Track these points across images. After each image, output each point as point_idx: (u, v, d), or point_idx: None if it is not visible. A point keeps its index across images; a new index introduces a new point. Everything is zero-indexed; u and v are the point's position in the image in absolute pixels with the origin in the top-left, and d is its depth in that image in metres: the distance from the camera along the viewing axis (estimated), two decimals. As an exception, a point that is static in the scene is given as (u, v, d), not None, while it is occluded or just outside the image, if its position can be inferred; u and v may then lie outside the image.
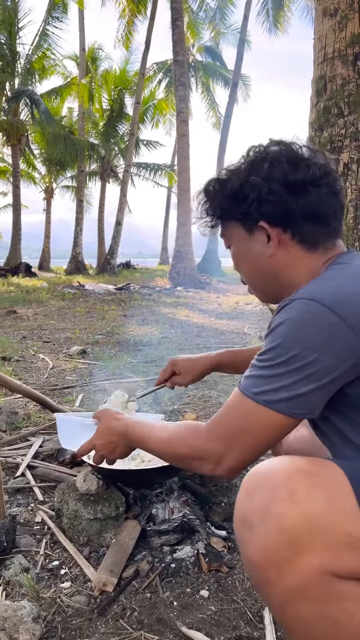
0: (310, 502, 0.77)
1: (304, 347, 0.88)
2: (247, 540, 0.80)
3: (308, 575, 0.74)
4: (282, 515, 0.76)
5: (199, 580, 1.42)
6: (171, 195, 31.06)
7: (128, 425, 1.31)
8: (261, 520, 0.78)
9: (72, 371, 3.93)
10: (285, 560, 0.75)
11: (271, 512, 0.77)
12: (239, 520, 0.83)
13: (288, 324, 0.91)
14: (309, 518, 0.76)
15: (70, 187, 29.46)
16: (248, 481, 0.85)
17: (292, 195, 1.04)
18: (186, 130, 15.19)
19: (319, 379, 0.88)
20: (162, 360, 4.31)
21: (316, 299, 0.90)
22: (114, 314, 7.81)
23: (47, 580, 1.41)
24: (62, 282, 14.94)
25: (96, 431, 1.39)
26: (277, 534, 0.76)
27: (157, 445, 1.19)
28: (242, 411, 0.96)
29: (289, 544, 0.75)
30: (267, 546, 0.76)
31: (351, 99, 2.40)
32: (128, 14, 20.44)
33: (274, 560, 0.76)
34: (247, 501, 0.82)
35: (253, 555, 0.78)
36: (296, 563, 0.75)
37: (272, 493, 0.79)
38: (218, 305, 9.77)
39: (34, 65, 20.22)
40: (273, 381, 0.92)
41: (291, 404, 0.90)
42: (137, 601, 1.33)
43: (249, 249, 1.13)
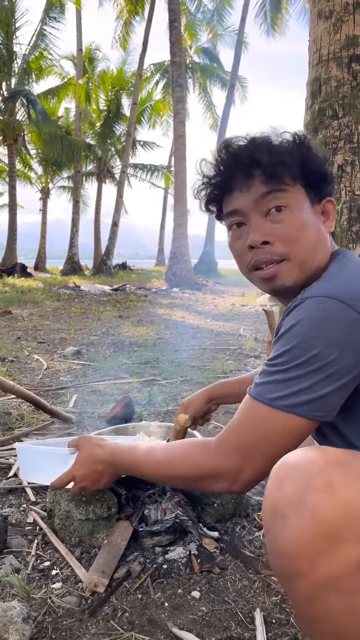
0: (348, 493, 0.74)
1: (324, 345, 0.86)
2: (278, 529, 0.77)
3: (343, 567, 0.72)
4: (318, 505, 0.74)
5: (190, 581, 1.42)
6: (168, 196, 31.09)
7: (115, 452, 1.26)
8: (295, 509, 0.75)
9: (67, 372, 3.92)
10: (319, 552, 0.73)
11: (306, 501, 0.74)
12: (270, 508, 0.80)
13: (305, 323, 0.89)
14: (346, 509, 0.73)
15: (66, 188, 29.46)
16: (279, 470, 0.82)
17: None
18: (183, 132, 15.21)
19: (340, 378, 0.87)
20: (157, 362, 4.31)
21: (334, 296, 0.88)
22: (109, 315, 7.81)
23: (38, 581, 1.40)
24: (58, 283, 14.92)
25: (76, 461, 1.33)
26: (313, 525, 0.73)
27: (156, 468, 1.15)
28: (257, 419, 0.94)
29: (325, 535, 0.73)
30: (301, 536, 0.74)
31: (346, 101, 2.41)
32: (125, 14, 20.47)
33: (307, 551, 0.73)
34: (279, 490, 0.79)
35: (284, 545, 0.75)
36: (331, 555, 0.72)
37: (307, 482, 0.76)
38: (214, 306, 9.78)
39: (31, 65, 20.21)
40: (291, 384, 0.89)
41: (312, 406, 0.89)
42: (128, 602, 1.32)
43: (311, 220, 1.05)
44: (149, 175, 28.11)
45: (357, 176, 2.38)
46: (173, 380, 3.63)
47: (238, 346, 5.21)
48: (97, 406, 2.99)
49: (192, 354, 4.78)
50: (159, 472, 1.16)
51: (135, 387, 3.47)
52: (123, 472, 1.30)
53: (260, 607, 1.30)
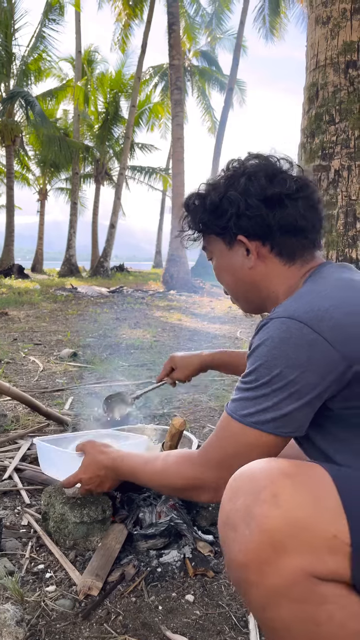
0: (293, 504, 0.77)
1: (285, 365, 0.89)
2: (230, 541, 0.80)
3: (290, 576, 0.75)
4: (264, 516, 0.76)
5: (184, 584, 1.42)
6: (166, 198, 31.13)
7: (116, 459, 1.32)
8: (244, 521, 0.78)
9: (63, 374, 3.92)
10: (267, 562, 0.75)
11: (254, 513, 0.77)
12: (223, 521, 0.83)
13: (268, 343, 0.92)
14: (291, 520, 0.76)
15: (64, 189, 29.48)
16: (232, 483, 0.86)
17: (269, 209, 1.06)
18: (181, 134, 15.22)
19: (302, 396, 0.89)
20: (153, 364, 4.31)
21: (294, 317, 0.90)
22: (106, 317, 7.80)
23: (31, 584, 1.40)
24: (55, 284, 14.91)
25: (82, 464, 1.39)
26: (259, 536, 0.76)
27: (151, 477, 1.20)
28: (232, 435, 0.97)
29: (271, 546, 0.75)
30: (249, 547, 0.77)
31: (342, 107, 2.42)
32: (124, 17, 20.50)
33: (256, 562, 0.76)
34: (231, 502, 0.83)
35: (235, 556, 0.79)
36: (278, 564, 0.75)
37: (255, 495, 0.79)
38: (211, 309, 9.78)
39: (30, 66, 20.22)
40: (258, 402, 0.93)
41: (278, 423, 0.91)
42: (122, 605, 1.32)
43: (229, 261, 1.16)
44: (147, 177, 28.17)
45: (353, 181, 2.39)
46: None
47: (234, 349, 5.21)
48: (93, 408, 2.99)
49: (188, 357, 4.77)
50: (153, 482, 1.21)
51: (132, 390, 3.47)
52: (124, 478, 1.35)
53: (253, 611, 1.30)
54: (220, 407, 3.07)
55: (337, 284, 0.99)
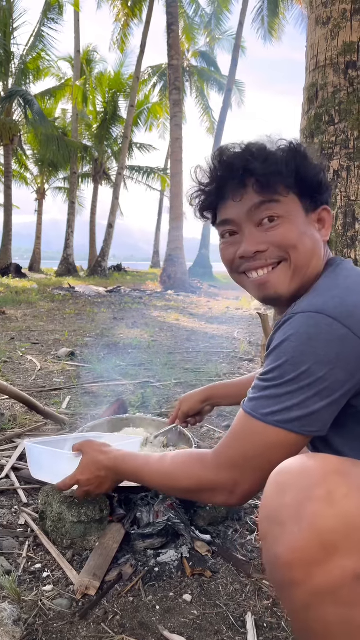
0: (348, 503, 0.74)
1: (314, 361, 0.86)
2: (274, 537, 0.76)
3: (339, 578, 0.72)
4: (317, 515, 0.73)
5: (182, 584, 1.41)
6: (164, 198, 31.11)
7: (118, 459, 1.28)
8: (294, 518, 0.75)
9: (60, 373, 3.91)
10: (316, 562, 0.72)
11: (306, 511, 0.74)
12: (267, 515, 0.79)
13: (294, 339, 0.89)
14: (346, 520, 0.73)
15: (62, 189, 29.45)
16: (278, 477, 0.81)
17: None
18: (180, 134, 15.23)
19: (331, 393, 0.87)
20: (151, 364, 4.31)
21: (323, 312, 0.88)
22: (103, 317, 7.80)
23: (29, 583, 1.40)
24: (53, 284, 14.90)
25: (80, 465, 1.34)
26: (311, 534, 0.73)
27: (156, 478, 1.16)
28: (252, 434, 0.94)
29: (322, 545, 0.72)
30: (298, 545, 0.73)
31: (342, 107, 2.42)
32: (123, 17, 20.51)
33: (303, 561, 0.73)
34: (278, 497, 0.78)
35: (281, 553, 0.75)
36: (328, 565, 0.72)
37: (308, 491, 0.75)
38: (208, 309, 9.78)
39: (29, 65, 20.19)
40: (283, 400, 0.90)
41: (304, 421, 0.89)
42: (120, 605, 1.32)
43: (306, 228, 1.04)
44: (145, 177, 28.14)
45: (352, 182, 2.39)
46: (167, 383, 3.63)
47: (232, 349, 5.22)
48: (91, 408, 2.98)
49: (186, 357, 4.78)
50: (159, 483, 1.17)
51: (129, 389, 3.47)
52: (125, 479, 1.31)
53: (251, 611, 1.30)
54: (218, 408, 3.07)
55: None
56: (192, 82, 27.47)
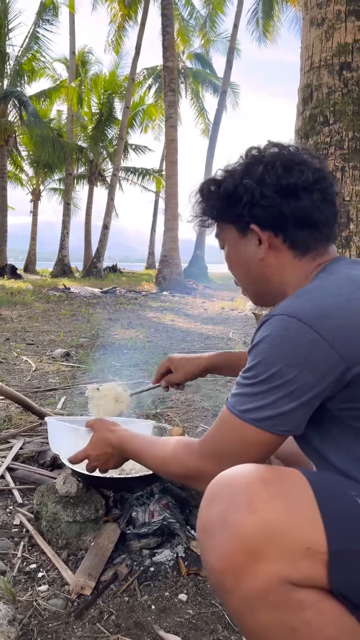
0: (269, 510, 0.77)
1: (284, 364, 0.88)
2: (207, 547, 0.80)
3: (265, 583, 0.74)
4: (239, 523, 0.76)
5: (177, 584, 1.41)
6: (159, 200, 31.10)
7: (123, 438, 1.31)
8: (220, 528, 0.78)
9: (55, 374, 3.90)
10: (242, 568, 0.75)
11: (229, 520, 0.77)
12: (200, 527, 0.83)
13: (268, 340, 0.91)
14: (267, 526, 0.76)
15: (57, 190, 29.41)
16: (210, 489, 0.85)
17: (283, 199, 1.03)
18: (175, 136, 15.24)
19: (301, 395, 0.88)
20: (146, 364, 4.30)
21: (294, 315, 0.89)
22: (99, 317, 7.78)
23: (24, 583, 1.39)
24: (48, 285, 14.86)
25: (90, 441, 1.39)
26: (234, 542, 0.76)
27: (153, 461, 1.20)
28: (230, 429, 0.96)
29: (246, 552, 0.75)
30: (224, 554, 0.76)
31: (336, 108, 2.44)
32: (119, 19, 20.51)
33: (231, 568, 0.76)
34: (208, 509, 0.82)
35: (212, 563, 0.78)
36: (253, 571, 0.75)
37: (231, 501, 0.79)
38: (204, 310, 9.79)
39: (24, 67, 20.18)
40: (257, 399, 0.91)
41: (275, 421, 0.90)
42: (115, 605, 1.32)
43: (241, 251, 1.12)
44: (140, 178, 28.14)
45: (347, 182, 2.40)
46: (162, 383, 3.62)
47: (227, 350, 5.21)
48: (86, 408, 2.98)
49: (181, 358, 4.77)
50: (154, 466, 1.21)
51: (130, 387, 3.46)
52: (129, 458, 1.35)
53: (247, 610, 1.30)
54: (213, 407, 3.07)
55: (345, 282, 0.96)
56: (187, 84, 27.52)
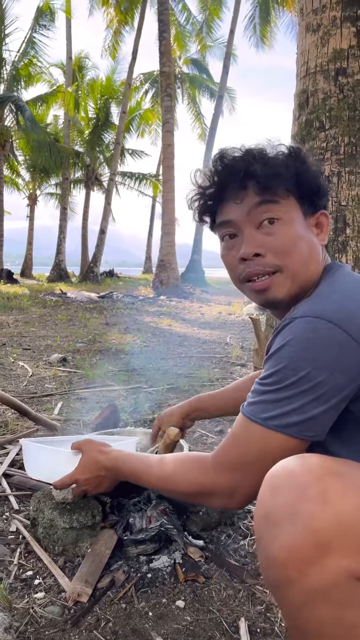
0: (343, 503, 0.74)
1: (313, 366, 0.87)
2: (270, 537, 0.77)
3: (333, 577, 0.72)
4: (312, 514, 0.73)
5: (175, 590, 1.40)
6: (156, 204, 31.16)
7: (118, 460, 1.28)
8: (289, 518, 0.75)
9: (52, 379, 3.89)
10: (310, 561, 0.72)
11: (300, 510, 0.74)
12: (263, 516, 0.79)
13: (294, 344, 0.89)
14: (340, 519, 0.73)
15: (54, 195, 29.40)
16: (273, 478, 0.82)
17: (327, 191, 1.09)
18: (171, 141, 15.28)
19: (329, 398, 0.87)
20: (143, 369, 4.30)
21: (322, 316, 0.88)
22: (95, 322, 7.77)
23: (20, 591, 1.38)
24: (44, 290, 14.85)
25: (79, 464, 1.34)
26: (306, 534, 0.73)
27: (156, 481, 1.16)
28: (251, 438, 0.94)
29: (316, 545, 0.72)
30: (293, 545, 0.73)
31: (332, 113, 2.45)
32: (115, 24, 20.61)
33: (298, 560, 0.73)
34: (273, 498, 0.79)
35: (276, 553, 0.75)
36: (322, 564, 0.72)
37: (302, 491, 0.76)
38: (201, 314, 9.79)
39: (20, 72, 20.22)
40: (282, 405, 0.90)
41: (303, 427, 0.89)
42: (112, 612, 1.31)
43: (304, 232, 1.05)
44: (137, 183, 28.21)
45: (343, 187, 2.41)
46: (159, 388, 3.62)
47: (224, 354, 5.22)
48: (83, 413, 2.97)
49: (178, 362, 4.77)
50: (158, 486, 1.18)
51: (121, 395, 3.45)
52: (124, 479, 1.31)
53: (245, 617, 1.29)
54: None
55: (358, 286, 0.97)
56: (184, 89, 27.62)
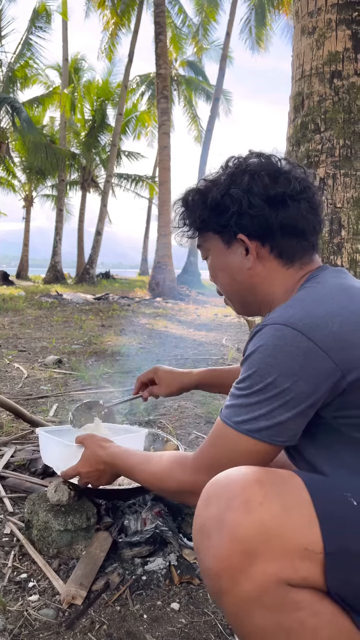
0: (265, 511, 0.77)
1: (279, 373, 0.88)
2: (203, 548, 0.80)
3: (262, 583, 0.74)
4: (236, 523, 0.76)
5: (170, 592, 1.40)
6: (152, 206, 31.18)
7: (115, 455, 1.31)
8: (216, 529, 0.78)
9: (47, 381, 3.88)
10: (239, 569, 0.75)
11: (225, 520, 0.77)
12: (197, 528, 0.83)
13: (262, 350, 0.91)
14: (263, 527, 0.76)
15: (50, 196, 29.36)
16: (207, 490, 0.85)
17: (272, 209, 1.03)
18: (168, 143, 15.28)
19: (296, 405, 0.88)
20: (139, 371, 4.29)
21: (289, 324, 0.89)
22: (91, 324, 7.76)
23: (14, 593, 1.37)
24: (40, 291, 14.81)
25: (81, 458, 1.39)
26: (231, 543, 0.76)
27: (147, 478, 1.19)
28: (226, 441, 0.96)
29: (243, 553, 0.75)
30: (221, 555, 0.76)
31: (327, 116, 2.45)
32: (112, 26, 20.58)
33: (228, 569, 0.76)
34: (205, 510, 0.82)
35: (208, 564, 0.78)
36: (250, 571, 0.75)
37: (228, 502, 0.79)
38: (197, 316, 9.79)
39: (16, 73, 20.16)
40: (252, 409, 0.91)
41: (271, 432, 0.90)
42: (107, 614, 1.30)
43: (226, 261, 1.13)
44: (134, 185, 28.18)
45: (338, 189, 2.42)
46: (155, 390, 3.61)
47: (220, 356, 5.22)
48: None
49: (174, 364, 4.77)
50: (147, 482, 1.20)
51: (117, 397, 3.45)
52: (120, 474, 1.35)
53: (239, 619, 1.29)
54: (206, 413, 3.07)
55: (334, 291, 0.97)
56: (180, 91, 27.65)
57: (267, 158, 1.09)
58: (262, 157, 1.10)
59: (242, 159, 1.10)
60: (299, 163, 1.15)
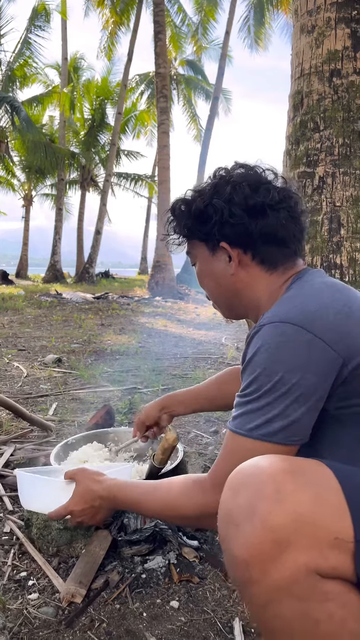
0: (297, 500, 0.76)
1: (286, 369, 0.89)
2: (231, 537, 0.79)
3: (293, 573, 0.74)
4: (268, 512, 0.75)
5: (169, 591, 1.40)
6: (151, 205, 31.16)
7: (114, 489, 1.24)
8: (247, 517, 0.77)
9: (47, 380, 3.88)
10: (270, 558, 0.74)
11: (257, 509, 0.76)
12: (224, 517, 0.81)
13: (264, 350, 0.92)
14: (295, 516, 0.75)
15: (49, 195, 29.35)
16: (233, 480, 0.84)
17: (251, 218, 1.08)
18: (167, 142, 15.27)
19: (307, 399, 0.89)
20: (138, 370, 4.30)
21: (287, 320, 0.91)
22: (91, 323, 7.76)
23: (14, 592, 1.38)
24: (40, 290, 14.81)
25: (73, 494, 1.29)
26: (263, 532, 0.75)
27: (157, 508, 1.15)
28: (241, 451, 0.94)
29: (274, 542, 0.74)
30: (252, 544, 0.75)
31: (327, 114, 2.45)
32: (111, 25, 20.58)
33: (259, 558, 0.75)
34: (233, 499, 0.81)
35: (237, 553, 0.77)
36: (281, 561, 0.74)
37: (258, 491, 0.78)
38: (196, 315, 9.79)
39: (15, 72, 20.14)
40: (265, 412, 0.91)
41: (287, 432, 0.90)
42: (106, 612, 1.31)
43: (211, 267, 1.18)
44: (133, 184, 28.16)
45: (337, 188, 2.42)
46: (154, 389, 3.62)
47: (219, 355, 5.22)
48: (77, 414, 2.96)
49: (173, 363, 4.77)
50: (158, 513, 1.17)
51: (116, 396, 3.45)
52: (122, 508, 1.30)
53: (239, 617, 1.30)
54: (205, 412, 3.07)
55: (322, 287, 1.00)
56: (179, 90, 27.64)
57: (250, 169, 1.14)
58: (245, 167, 1.15)
59: (227, 170, 1.16)
60: (280, 174, 1.18)
